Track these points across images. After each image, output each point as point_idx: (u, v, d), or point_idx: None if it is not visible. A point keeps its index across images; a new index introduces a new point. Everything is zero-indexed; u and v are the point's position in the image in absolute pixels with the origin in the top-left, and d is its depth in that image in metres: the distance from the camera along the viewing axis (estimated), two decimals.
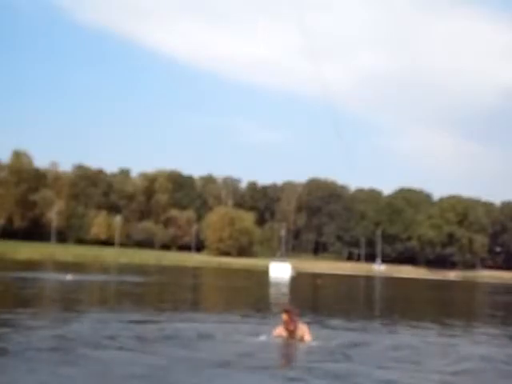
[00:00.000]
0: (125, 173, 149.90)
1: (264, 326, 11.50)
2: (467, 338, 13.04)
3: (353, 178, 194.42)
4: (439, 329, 14.64)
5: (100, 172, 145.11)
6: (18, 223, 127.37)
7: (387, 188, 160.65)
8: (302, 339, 9.80)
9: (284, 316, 9.81)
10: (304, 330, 9.91)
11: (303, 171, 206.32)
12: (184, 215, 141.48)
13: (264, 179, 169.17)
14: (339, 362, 8.61)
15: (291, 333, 9.78)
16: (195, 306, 19.95)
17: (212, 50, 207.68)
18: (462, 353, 10.27)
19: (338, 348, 9.84)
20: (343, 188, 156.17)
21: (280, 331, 9.92)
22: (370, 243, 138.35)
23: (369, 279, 71.25)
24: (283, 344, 9.70)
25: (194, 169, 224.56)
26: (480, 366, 9.07)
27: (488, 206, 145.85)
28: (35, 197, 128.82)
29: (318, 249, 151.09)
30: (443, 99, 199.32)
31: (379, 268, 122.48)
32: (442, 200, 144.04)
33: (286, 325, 9.78)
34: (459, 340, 12.42)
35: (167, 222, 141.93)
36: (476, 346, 11.67)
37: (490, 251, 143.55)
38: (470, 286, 65.93)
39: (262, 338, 10.10)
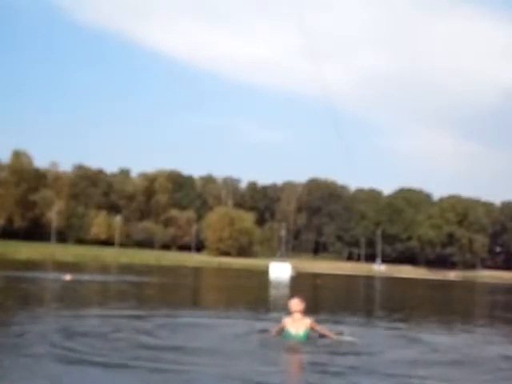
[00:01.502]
0: (125, 173, 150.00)
1: (265, 325, 11.47)
2: (473, 335, 13.02)
3: (353, 177, 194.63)
4: (444, 328, 14.61)
5: (100, 172, 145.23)
6: (18, 223, 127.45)
7: (387, 188, 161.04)
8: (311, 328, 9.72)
9: (294, 299, 9.78)
10: (311, 322, 9.79)
11: (303, 171, 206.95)
12: (184, 215, 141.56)
13: (264, 179, 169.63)
14: (343, 362, 8.57)
15: (296, 319, 9.64)
16: (196, 305, 19.92)
17: (212, 50, 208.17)
18: (466, 350, 10.26)
19: (343, 347, 9.79)
20: (343, 188, 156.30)
21: (283, 324, 9.81)
22: (370, 243, 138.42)
23: (369, 279, 71.21)
24: (286, 341, 9.63)
25: (194, 169, 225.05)
26: (493, 363, 9.10)
27: (488, 206, 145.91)
28: (35, 197, 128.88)
29: (318, 249, 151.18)
30: (443, 99, 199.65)
31: (379, 268, 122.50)
32: (442, 200, 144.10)
33: (295, 306, 9.70)
34: (467, 338, 12.41)
35: (167, 222, 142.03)
36: (486, 343, 11.66)
37: (490, 251, 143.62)
38: (470, 286, 65.90)
39: (264, 335, 10.07)
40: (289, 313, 9.87)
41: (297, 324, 9.67)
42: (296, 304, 9.74)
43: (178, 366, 7.67)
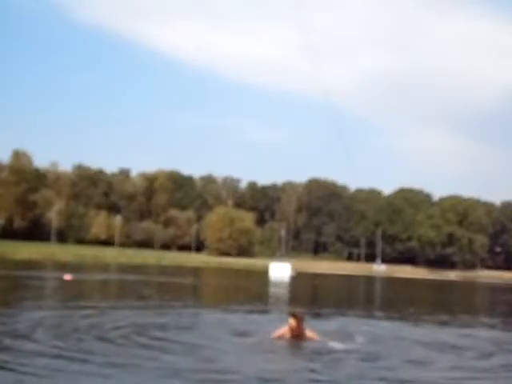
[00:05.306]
0: (125, 173, 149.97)
1: (265, 327, 11.45)
2: (479, 333, 12.98)
3: (353, 177, 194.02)
4: (449, 327, 14.58)
5: (100, 172, 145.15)
6: (17, 223, 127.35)
7: (387, 188, 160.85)
8: (309, 339, 9.61)
9: (291, 321, 9.59)
10: (311, 334, 9.71)
11: (303, 171, 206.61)
12: (184, 215, 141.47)
13: (264, 179, 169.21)
14: (345, 363, 8.52)
15: (296, 337, 9.60)
16: (198, 304, 19.88)
17: (212, 49, 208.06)
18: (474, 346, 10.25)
19: (344, 348, 9.74)
20: (343, 188, 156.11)
21: (283, 332, 9.76)
22: (370, 243, 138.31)
23: (369, 279, 71.15)
24: (284, 345, 9.58)
25: (194, 169, 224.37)
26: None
27: (488, 206, 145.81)
28: (35, 197, 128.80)
29: (318, 249, 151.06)
30: (444, 99, 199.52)
31: (379, 268, 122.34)
32: (441, 200, 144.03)
33: (292, 331, 9.58)
34: (473, 334, 12.39)
35: (167, 222, 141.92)
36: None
37: (490, 251, 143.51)
38: (470, 286, 65.84)
39: (263, 337, 10.03)
40: (288, 326, 9.77)
41: (296, 335, 9.63)
42: (294, 324, 9.55)
43: None
